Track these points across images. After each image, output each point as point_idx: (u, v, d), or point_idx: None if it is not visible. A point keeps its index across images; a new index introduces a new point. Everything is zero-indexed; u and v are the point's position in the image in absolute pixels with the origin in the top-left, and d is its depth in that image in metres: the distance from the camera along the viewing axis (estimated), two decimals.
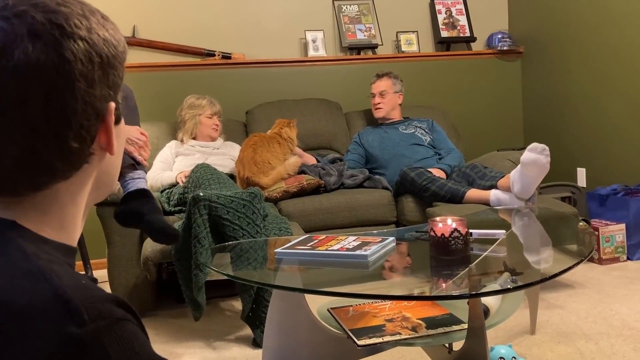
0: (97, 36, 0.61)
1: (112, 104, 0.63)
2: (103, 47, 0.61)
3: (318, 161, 3.42)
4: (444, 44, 4.21)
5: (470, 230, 1.62)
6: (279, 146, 3.23)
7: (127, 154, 2.06)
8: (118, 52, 0.64)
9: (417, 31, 4.16)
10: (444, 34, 4.15)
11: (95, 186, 0.67)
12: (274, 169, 3.11)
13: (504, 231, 1.75)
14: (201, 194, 2.24)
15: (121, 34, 0.66)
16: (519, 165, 2.65)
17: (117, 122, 0.66)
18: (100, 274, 3.22)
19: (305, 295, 1.68)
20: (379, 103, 3.56)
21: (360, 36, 4.03)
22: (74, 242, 0.65)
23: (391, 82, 3.56)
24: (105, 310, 0.53)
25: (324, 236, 1.79)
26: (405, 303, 1.72)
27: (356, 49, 4.04)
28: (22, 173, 0.58)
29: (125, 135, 0.71)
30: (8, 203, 0.60)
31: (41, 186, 0.60)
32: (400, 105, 3.62)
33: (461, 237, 1.51)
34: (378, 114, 3.58)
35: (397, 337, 1.49)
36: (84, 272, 3.05)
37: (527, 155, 2.57)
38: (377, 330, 1.54)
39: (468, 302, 1.39)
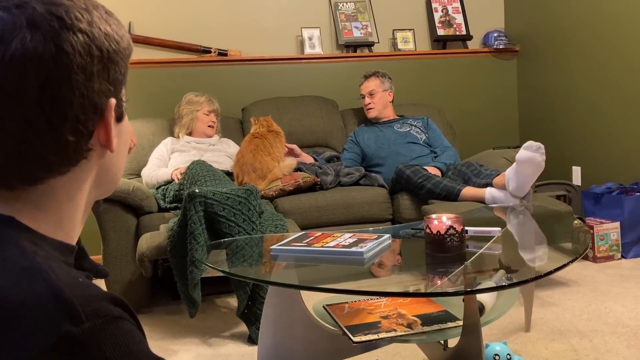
0: (99, 30, 0.61)
1: (113, 100, 0.63)
2: (104, 41, 0.61)
3: (315, 160, 3.42)
4: (440, 42, 4.21)
5: (466, 228, 1.62)
6: (280, 142, 3.24)
7: None
8: (120, 48, 0.63)
9: (413, 29, 4.16)
10: (440, 32, 4.16)
11: (96, 184, 0.66)
12: (271, 171, 3.11)
13: (499, 229, 1.75)
14: (197, 190, 2.24)
15: (125, 30, 0.66)
16: (514, 164, 2.65)
17: (119, 119, 0.66)
18: None
19: (301, 292, 1.68)
20: (370, 103, 3.56)
21: (357, 34, 4.03)
22: (72, 240, 0.64)
23: (379, 81, 3.56)
24: (101, 309, 0.52)
25: (319, 233, 1.79)
26: (400, 300, 1.73)
27: (352, 46, 4.03)
28: (16, 165, 0.57)
29: (129, 134, 0.71)
30: (5, 198, 0.59)
31: (36, 180, 0.59)
32: (391, 102, 3.62)
33: (457, 235, 1.52)
34: (370, 114, 3.58)
35: (393, 334, 1.50)
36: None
37: (522, 153, 2.57)
38: (373, 327, 1.55)
39: (463, 299, 1.40)
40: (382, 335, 1.49)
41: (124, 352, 0.52)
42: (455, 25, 4.19)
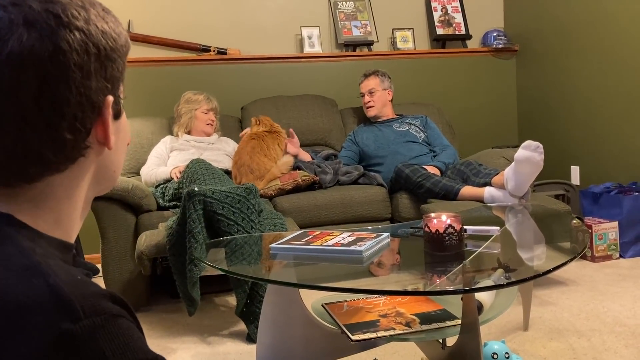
0: (95, 28, 0.61)
1: (110, 98, 0.63)
2: (101, 39, 0.61)
3: (313, 158, 3.42)
4: (439, 42, 4.21)
5: (465, 227, 1.62)
6: (279, 145, 3.25)
7: None
8: (117, 46, 0.63)
9: (412, 28, 4.16)
10: (440, 31, 4.16)
11: (94, 181, 0.66)
12: (268, 171, 3.11)
13: (498, 228, 1.75)
14: (196, 189, 2.24)
15: (123, 27, 0.66)
16: (513, 163, 2.66)
17: (117, 116, 0.66)
18: None
19: (300, 290, 1.68)
20: (369, 101, 3.56)
21: (356, 33, 4.03)
22: (70, 238, 0.64)
23: (379, 80, 3.56)
24: (100, 307, 0.52)
25: (318, 232, 1.79)
26: (399, 298, 1.73)
27: (352, 45, 4.03)
28: (14, 163, 0.57)
29: (127, 131, 0.71)
30: (3, 196, 0.59)
31: (34, 178, 0.59)
32: (391, 101, 3.62)
33: (455, 234, 1.52)
34: (370, 113, 3.58)
35: (391, 333, 1.50)
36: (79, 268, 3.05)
37: (521, 152, 2.58)
38: (371, 325, 1.55)
39: (462, 298, 1.40)
40: (381, 333, 1.50)
41: (122, 349, 0.52)
42: (454, 25, 4.19)
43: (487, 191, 2.80)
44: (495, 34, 4.24)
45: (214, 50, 3.80)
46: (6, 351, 0.49)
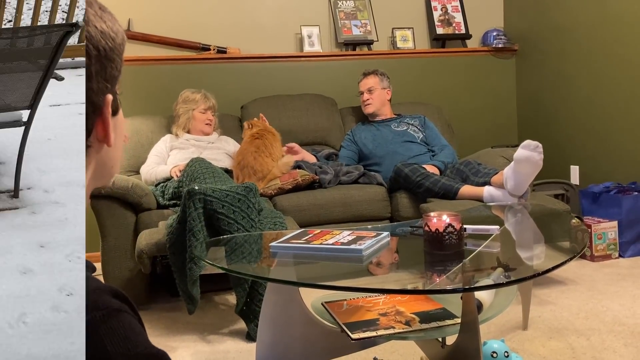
0: (95, 29, 0.61)
1: (109, 96, 0.63)
2: (100, 39, 0.61)
3: (317, 159, 3.42)
4: (439, 41, 4.21)
5: (464, 226, 1.62)
6: (278, 142, 3.25)
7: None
8: (116, 45, 0.63)
9: (412, 28, 4.16)
10: (440, 30, 4.16)
11: (94, 176, 0.67)
12: (270, 172, 3.12)
13: (497, 227, 1.76)
14: (196, 187, 2.24)
15: (119, 24, 0.66)
16: (512, 162, 2.66)
17: (114, 113, 0.66)
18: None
19: (300, 289, 1.68)
20: (368, 99, 3.57)
21: (356, 32, 4.03)
22: None
23: (378, 79, 3.57)
24: (101, 301, 0.53)
25: (318, 230, 1.79)
26: (399, 297, 1.73)
27: (352, 44, 4.03)
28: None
29: (124, 126, 0.71)
30: None
31: None
32: (389, 101, 3.62)
33: (455, 233, 1.52)
34: (368, 110, 3.58)
35: (391, 331, 1.50)
36: None
37: (520, 152, 2.58)
38: (371, 324, 1.55)
39: (461, 297, 1.40)
40: (380, 332, 1.50)
41: (123, 343, 0.52)
42: (454, 24, 4.19)
43: (487, 190, 2.80)
44: (495, 34, 4.24)
45: (213, 49, 3.80)
46: None
